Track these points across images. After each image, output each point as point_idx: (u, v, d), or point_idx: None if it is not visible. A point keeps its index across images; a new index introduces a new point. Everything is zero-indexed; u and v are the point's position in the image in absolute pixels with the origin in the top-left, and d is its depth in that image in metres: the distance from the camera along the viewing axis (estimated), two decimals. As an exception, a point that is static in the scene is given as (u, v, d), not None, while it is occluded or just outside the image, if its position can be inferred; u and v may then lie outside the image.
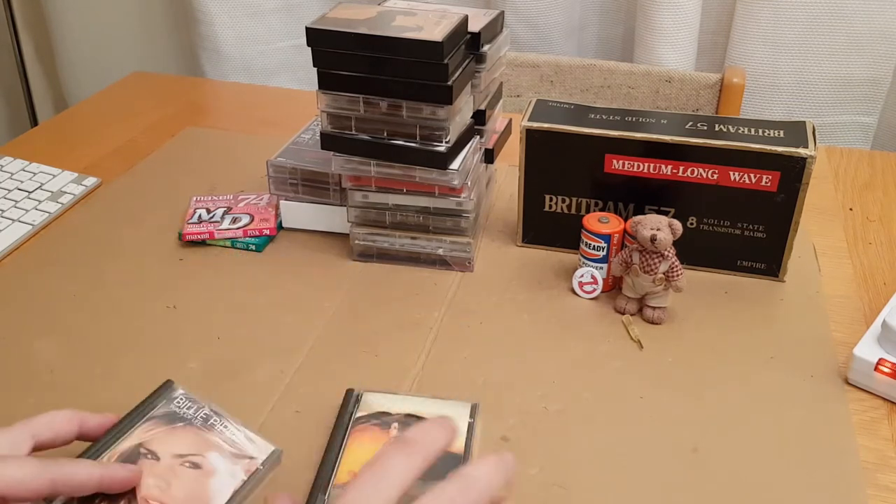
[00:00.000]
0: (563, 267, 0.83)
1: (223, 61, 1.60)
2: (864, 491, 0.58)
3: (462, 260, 0.83)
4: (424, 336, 0.74)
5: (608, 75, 1.34)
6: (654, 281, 0.73)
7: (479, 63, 0.80)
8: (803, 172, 0.75)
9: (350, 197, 0.82)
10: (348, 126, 0.78)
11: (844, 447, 0.62)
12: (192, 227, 0.87)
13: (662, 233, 0.71)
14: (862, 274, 0.83)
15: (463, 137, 0.80)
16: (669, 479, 0.60)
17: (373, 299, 0.79)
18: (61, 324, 0.76)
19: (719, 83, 1.28)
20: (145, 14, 1.70)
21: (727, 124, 0.79)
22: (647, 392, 0.67)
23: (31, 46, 1.78)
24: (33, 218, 0.92)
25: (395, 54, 0.73)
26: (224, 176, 1.01)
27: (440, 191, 0.80)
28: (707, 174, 0.77)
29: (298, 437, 0.61)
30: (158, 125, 1.16)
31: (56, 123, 1.20)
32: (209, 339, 0.74)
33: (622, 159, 0.79)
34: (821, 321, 0.76)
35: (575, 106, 0.83)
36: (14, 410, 0.66)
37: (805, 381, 0.68)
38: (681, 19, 1.36)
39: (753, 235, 0.79)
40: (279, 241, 0.88)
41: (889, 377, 0.65)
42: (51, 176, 1.00)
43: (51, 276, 0.83)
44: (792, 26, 1.32)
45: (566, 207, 0.83)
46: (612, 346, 0.73)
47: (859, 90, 1.37)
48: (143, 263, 0.84)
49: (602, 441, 0.63)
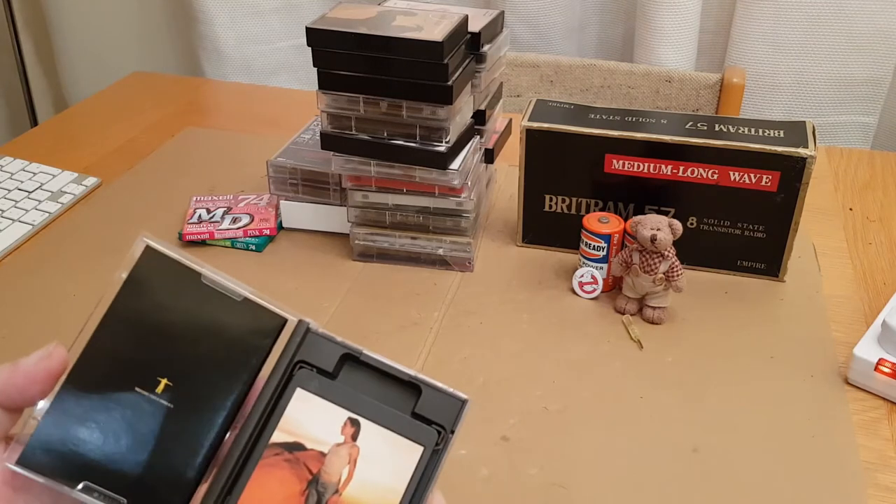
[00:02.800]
0: (563, 267, 0.83)
1: (223, 61, 1.60)
2: (864, 491, 0.58)
3: (462, 260, 0.83)
4: (424, 336, 0.74)
5: (608, 75, 1.34)
6: (654, 281, 0.73)
7: (479, 63, 0.80)
8: (803, 172, 0.75)
9: (350, 197, 0.82)
10: (348, 126, 0.78)
11: (844, 447, 0.62)
12: (192, 227, 0.87)
13: (662, 233, 0.71)
14: (862, 274, 0.83)
15: (463, 137, 0.80)
16: (669, 479, 0.60)
17: (373, 299, 0.79)
18: (61, 324, 0.76)
19: (719, 83, 1.28)
20: (145, 14, 1.70)
21: (727, 124, 0.79)
22: (647, 392, 0.67)
23: (31, 46, 1.78)
24: (33, 218, 0.92)
25: (395, 54, 0.73)
26: (224, 176, 1.01)
27: (440, 191, 0.80)
28: (707, 174, 0.77)
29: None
30: (158, 125, 1.16)
31: (56, 123, 1.20)
32: (209, 339, 0.74)
33: (622, 159, 0.79)
34: (821, 321, 0.76)
35: (575, 106, 0.83)
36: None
37: (805, 381, 0.68)
38: (681, 19, 1.35)
39: (753, 235, 0.79)
40: (279, 241, 0.88)
41: (889, 377, 0.65)
42: (51, 176, 1.00)
43: (51, 276, 0.83)
44: (792, 26, 1.32)
45: (566, 207, 0.83)
46: (612, 346, 0.73)
47: (859, 90, 1.37)
48: (143, 263, 0.84)
49: (602, 441, 0.63)
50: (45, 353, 0.36)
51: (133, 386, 0.36)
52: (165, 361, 0.36)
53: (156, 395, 0.36)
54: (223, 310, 0.38)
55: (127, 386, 0.36)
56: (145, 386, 0.36)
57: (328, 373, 0.38)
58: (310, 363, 0.38)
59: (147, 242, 0.36)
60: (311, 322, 0.39)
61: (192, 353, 0.37)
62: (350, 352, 0.38)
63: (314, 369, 0.38)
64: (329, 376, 0.38)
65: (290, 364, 0.38)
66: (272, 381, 0.37)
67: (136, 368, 0.36)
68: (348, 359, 0.38)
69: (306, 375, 0.38)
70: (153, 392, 0.36)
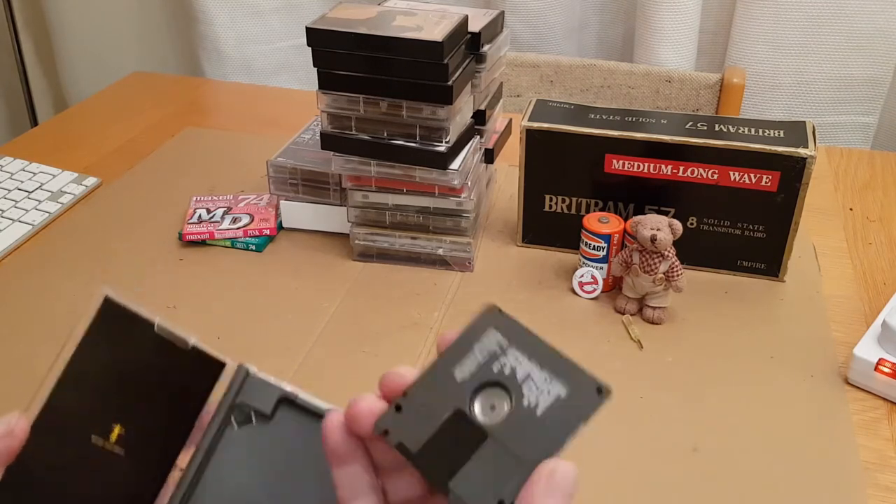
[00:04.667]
0: (563, 267, 0.83)
1: (223, 61, 1.60)
2: (864, 491, 0.58)
3: (462, 260, 0.83)
4: (424, 336, 0.74)
5: (608, 75, 1.34)
6: (654, 281, 0.73)
7: (479, 63, 0.80)
8: (803, 172, 0.75)
9: (350, 197, 0.82)
10: (348, 126, 0.78)
11: (844, 447, 0.62)
12: (192, 227, 0.87)
13: (662, 233, 0.71)
14: (862, 274, 0.83)
15: (463, 137, 0.80)
16: (669, 479, 0.60)
17: (373, 299, 0.79)
18: (61, 324, 0.76)
19: (719, 83, 1.28)
20: (145, 14, 1.70)
21: (727, 124, 0.79)
22: (647, 392, 0.67)
23: (31, 46, 1.78)
24: (33, 218, 0.92)
25: (395, 54, 0.73)
26: (224, 176, 1.01)
27: (440, 191, 0.80)
28: (707, 174, 0.77)
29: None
30: (158, 125, 1.16)
31: (56, 123, 1.20)
32: (209, 339, 0.73)
33: (622, 159, 0.79)
34: (821, 321, 0.76)
35: (575, 106, 0.83)
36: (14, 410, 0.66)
37: (805, 381, 0.68)
38: (681, 19, 1.35)
39: (753, 235, 0.79)
40: (279, 241, 0.88)
41: (889, 377, 0.65)
42: (51, 176, 1.00)
43: (51, 276, 0.83)
44: (792, 26, 1.32)
45: (566, 207, 0.83)
46: (612, 346, 0.73)
47: (859, 90, 1.37)
48: (143, 263, 0.84)
49: (602, 441, 0.63)
50: (6, 429, 0.36)
51: (89, 435, 0.37)
52: (120, 407, 0.38)
53: (109, 442, 0.38)
54: (173, 357, 0.40)
55: (84, 434, 0.37)
56: (100, 433, 0.37)
57: (265, 414, 0.41)
58: (248, 405, 0.41)
59: (106, 293, 0.38)
60: (250, 367, 0.41)
61: (143, 398, 0.39)
62: (286, 395, 0.41)
63: (252, 411, 0.41)
64: (266, 418, 0.41)
65: (230, 406, 0.41)
66: (213, 424, 0.40)
67: (93, 416, 0.37)
68: (284, 401, 0.41)
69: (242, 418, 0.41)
70: (107, 439, 0.38)
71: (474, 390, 0.36)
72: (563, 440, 0.35)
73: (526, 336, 0.38)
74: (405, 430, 0.35)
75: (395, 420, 0.36)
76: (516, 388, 0.36)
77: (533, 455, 0.34)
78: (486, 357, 0.37)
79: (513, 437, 0.35)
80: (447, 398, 0.36)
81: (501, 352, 0.38)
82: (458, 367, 0.37)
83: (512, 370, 0.37)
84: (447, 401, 0.36)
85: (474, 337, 0.38)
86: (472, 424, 0.36)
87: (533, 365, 0.37)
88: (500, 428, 0.35)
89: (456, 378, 0.37)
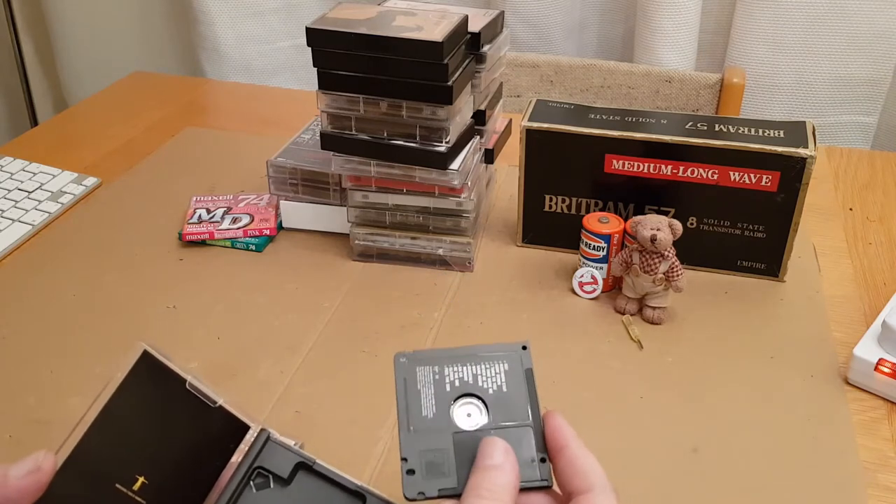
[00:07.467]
0: (563, 267, 0.83)
1: (223, 61, 1.60)
2: (864, 491, 0.58)
3: (462, 260, 0.83)
4: (424, 336, 0.74)
5: (608, 75, 1.34)
6: (654, 281, 0.73)
7: (479, 63, 0.80)
8: (803, 172, 0.75)
9: (350, 197, 0.82)
10: (348, 126, 0.78)
11: (844, 447, 0.62)
12: (192, 227, 0.87)
13: (662, 233, 0.71)
14: (862, 274, 0.83)
15: (463, 137, 0.80)
16: (669, 479, 0.60)
17: (373, 299, 0.79)
18: (61, 324, 0.76)
19: (719, 83, 1.28)
20: (145, 14, 1.70)
21: (727, 124, 0.79)
22: (647, 392, 0.67)
23: (31, 46, 1.78)
24: (33, 218, 0.92)
25: (395, 54, 0.73)
26: (224, 176, 1.01)
27: (440, 191, 0.80)
28: (707, 174, 0.77)
29: (298, 438, 0.61)
30: (158, 125, 1.16)
31: (56, 123, 1.20)
32: (209, 339, 0.74)
33: (622, 159, 0.79)
34: (821, 321, 0.76)
35: (575, 106, 0.83)
36: (15, 410, 0.66)
37: (805, 381, 0.68)
38: (681, 19, 1.35)
39: (753, 235, 0.79)
40: (279, 241, 0.88)
41: (889, 377, 0.65)
42: (51, 176, 1.00)
43: (51, 276, 0.83)
44: (792, 26, 1.32)
45: (566, 207, 0.83)
46: (612, 346, 0.73)
47: (859, 90, 1.37)
48: (143, 263, 0.84)
49: (602, 441, 0.63)
50: (35, 465, 0.36)
51: (114, 483, 0.38)
52: (146, 458, 0.39)
53: (132, 491, 0.38)
54: (200, 414, 0.41)
55: (109, 480, 0.38)
56: (124, 483, 0.38)
57: (283, 478, 0.42)
58: (267, 469, 0.42)
59: (145, 348, 0.39)
60: (271, 431, 0.43)
61: (168, 452, 0.40)
62: (304, 460, 0.42)
63: (270, 475, 0.42)
64: (284, 482, 0.42)
65: (249, 469, 0.42)
66: (231, 484, 0.41)
67: (121, 463, 0.38)
68: (302, 466, 0.42)
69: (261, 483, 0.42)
70: (130, 489, 0.38)
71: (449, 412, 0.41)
72: (534, 393, 0.42)
73: (441, 353, 0.43)
74: (434, 480, 0.39)
75: (419, 481, 0.38)
76: (476, 388, 0.41)
77: (528, 417, 0.41)
78: (433, 387, 0.42)
79: (504, 417, 0.41)
80: (439, 433, 0.40)
81: (438, 375, 0.42)
82: (422, 410, 0.41)
83: (461, 380, 0.42)
84: (440, 434, 0.40)
85: (411, 383, 0.42)
86: (471, 434, 0.40)
87: (467, 367, 0.42)
88: (491, 420, 0.41)
89: (429, 417, 0.40)
